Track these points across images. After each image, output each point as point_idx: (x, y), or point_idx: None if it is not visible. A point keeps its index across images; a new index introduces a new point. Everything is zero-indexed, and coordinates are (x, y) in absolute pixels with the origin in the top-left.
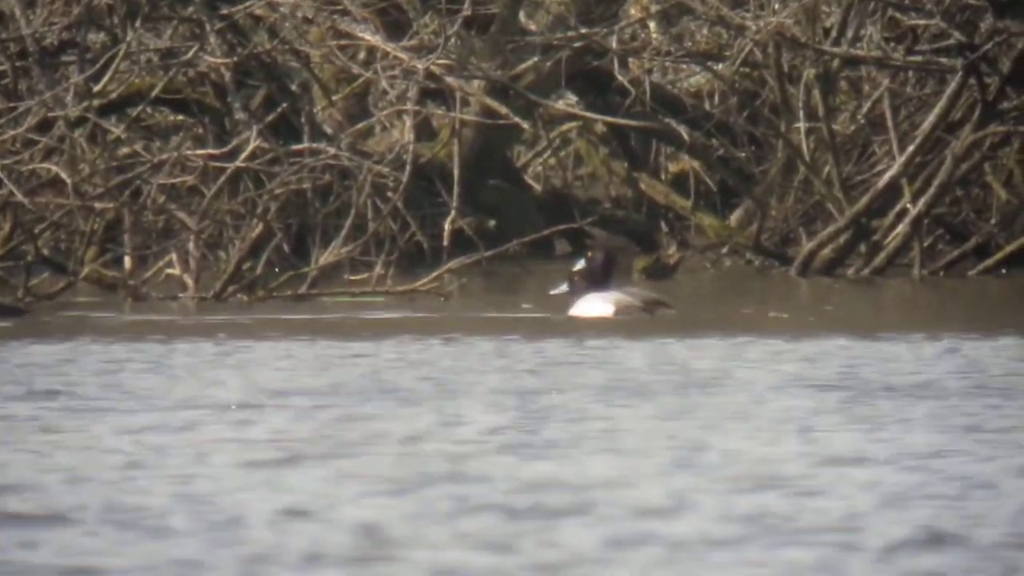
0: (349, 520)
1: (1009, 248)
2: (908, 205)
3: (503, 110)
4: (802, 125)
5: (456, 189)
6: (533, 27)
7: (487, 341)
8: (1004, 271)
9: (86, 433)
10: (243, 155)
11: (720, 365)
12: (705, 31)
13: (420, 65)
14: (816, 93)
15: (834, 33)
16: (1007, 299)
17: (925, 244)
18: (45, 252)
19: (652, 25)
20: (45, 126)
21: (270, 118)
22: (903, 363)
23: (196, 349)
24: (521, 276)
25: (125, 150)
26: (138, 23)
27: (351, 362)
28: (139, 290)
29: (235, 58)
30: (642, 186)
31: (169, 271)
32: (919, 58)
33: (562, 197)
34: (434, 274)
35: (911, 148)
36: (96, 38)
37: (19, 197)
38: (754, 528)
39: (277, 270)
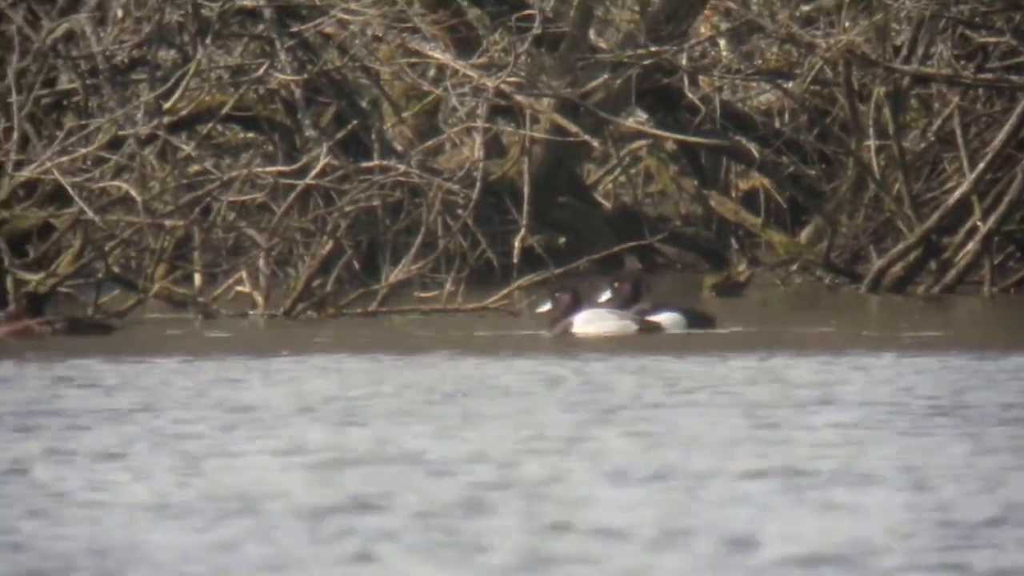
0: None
1: None
2: (978, 222)
3: (573, 127)
4: (872, 142)
5: (526, 206)
6: (603, 45)
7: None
8: None
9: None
10: (313, 172)
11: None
12: (775, 49)
13: (490, 82)
14: (886, 111)
15: (904, 51)
16: None
17: (995, 261)
18: (115, 269)
19: (722, 43)
20: (116, 144)
21: (340, 135)
22: (974, 381)
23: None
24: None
25: (195, 167)
26: (208, 40)
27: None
28: (209, 307)
29: (305, 75)
30: (712, 203)
31: (239, 288)
32: (989, 75)
33: (632, 214)
34: (504, 291)
35: (981, 165)
36: (166, 55)
37: (90, 215)
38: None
39: (347, 287)
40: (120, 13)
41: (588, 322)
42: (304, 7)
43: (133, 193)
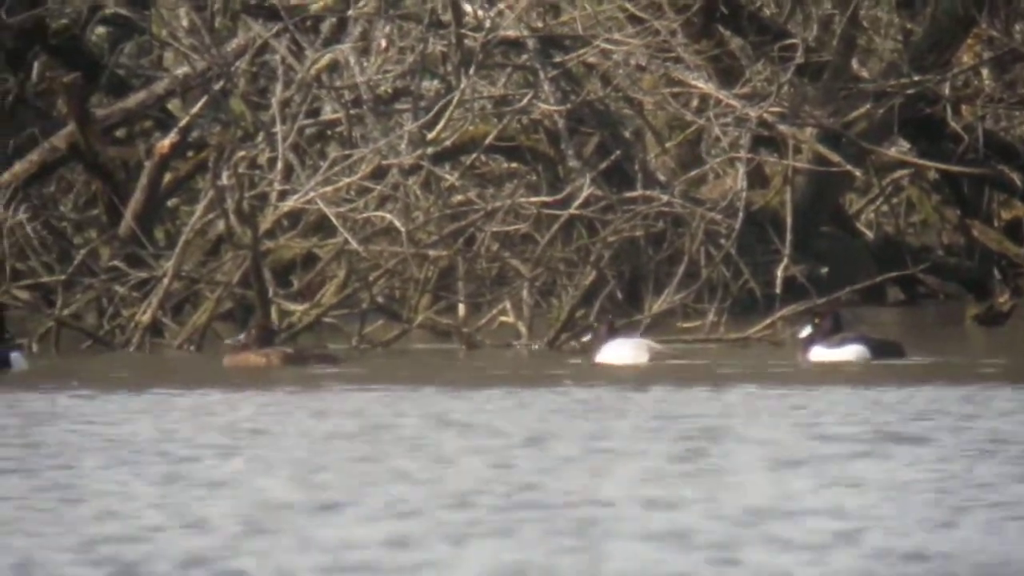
0: None
1: None
2: None
3: (835, 157)
4: None
5: (788, 236)
6: (865, 74)
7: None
8: None
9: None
10: (576, 202)
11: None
12: None
13: (753, 112)
14: None
15: None
16: None
17: None
18: (380, 299)
19: (985, 72)
20: (379, 174)
21: (603, 165)
22: None
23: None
24: (852, 324)
25: (459, 197)
26: (472, 71)
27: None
28: (473, 337)
29: (568, 105)
30: (975, 233)
31: (503, 318)
32: None
33: (894, 244)
34: (767, 321)
35: None
36: (430, 86)
37: (354, 245)
38: None
39: (610, 317)
40: (383, 43)
41: (608, 353)
42: (567, 37)
43: (397, 223)
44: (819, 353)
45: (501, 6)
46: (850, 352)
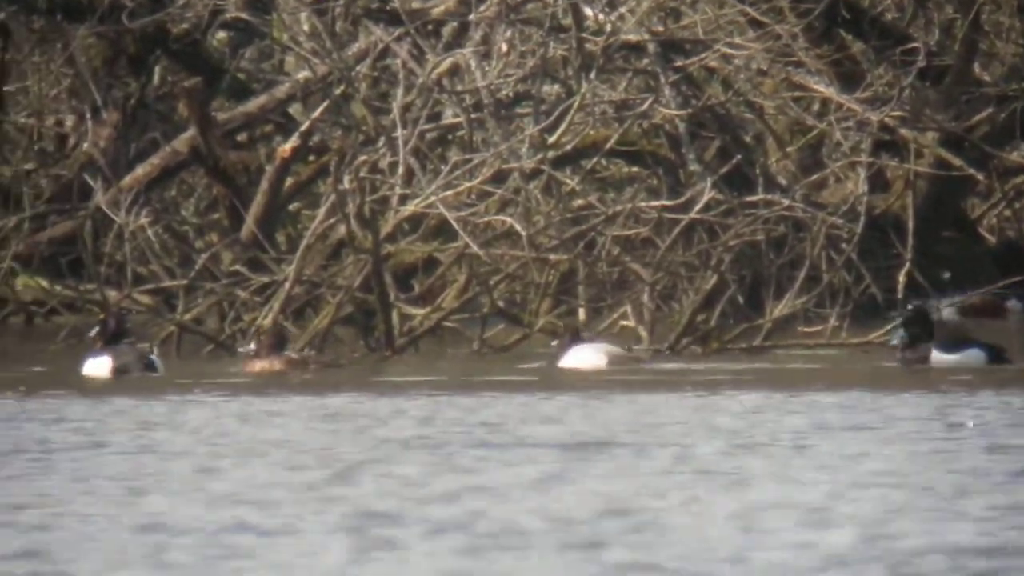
0: None
1: None
2: None
3: (957, 162)
4: None
5: (910, 241)
6: (987, 78)
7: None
8: None
9: None
10: (697, 206)
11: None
12: None
13: (874, 116)
14: None
15: None
16: None
17: None
18: (500, 304)
19: None
20: (500, 178)
21: (724, 169)
22: None
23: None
24: (970, 329)
25: (579, 202)
26: (592, 75)
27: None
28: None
29: (689, 110)
30: None
31: (623, 323)
32: None
33: (1016, 249)
34: (888, 327)
35: None
36: (550, 90)
37: (475, 249)
38: None
39: (731, 322)
40: (504, 47)
41: (571, 358)
42: (688, 41)
43: (518, 227)
44: (938, 358)
45: (622, 10)
46: (970, 356)
